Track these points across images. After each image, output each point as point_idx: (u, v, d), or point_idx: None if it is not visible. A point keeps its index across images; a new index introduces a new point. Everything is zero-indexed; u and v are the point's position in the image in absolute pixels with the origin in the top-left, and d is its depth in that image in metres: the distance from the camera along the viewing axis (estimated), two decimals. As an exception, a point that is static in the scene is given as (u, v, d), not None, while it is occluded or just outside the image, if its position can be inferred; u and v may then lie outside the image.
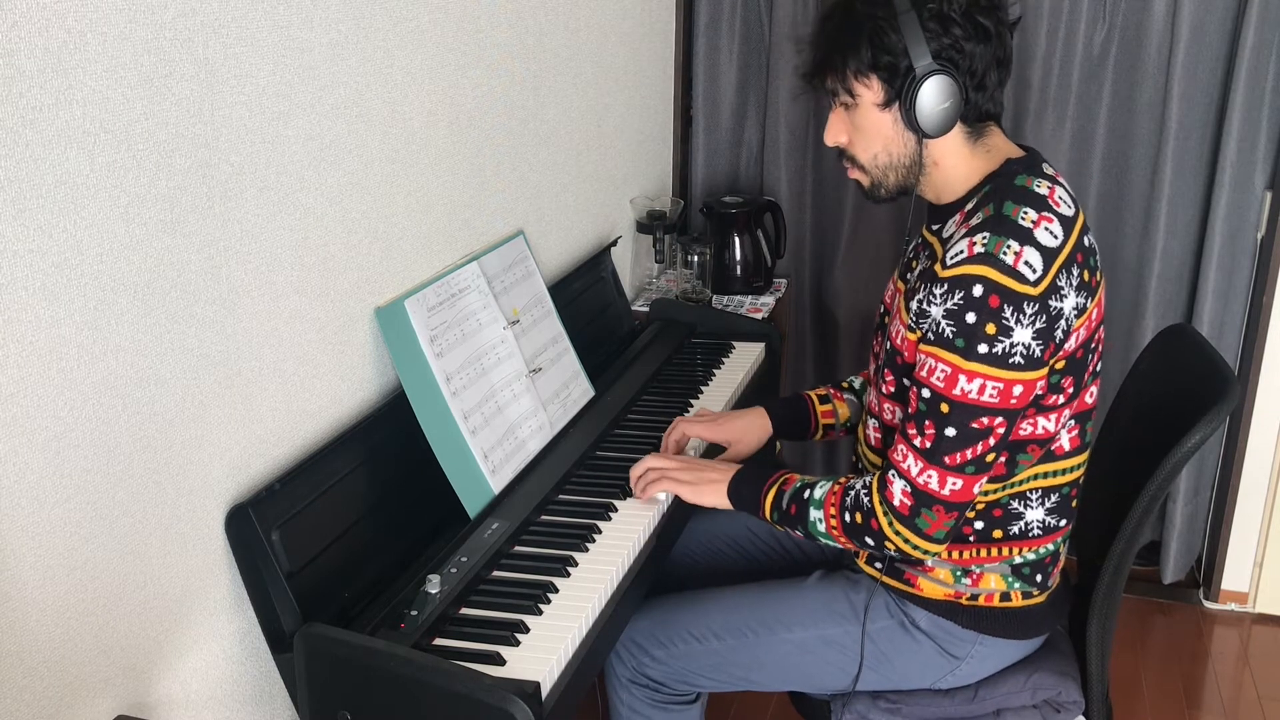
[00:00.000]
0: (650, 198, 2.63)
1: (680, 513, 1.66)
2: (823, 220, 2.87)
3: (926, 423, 1.34)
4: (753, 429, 1.75)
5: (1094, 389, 1.43)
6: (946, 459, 1.33)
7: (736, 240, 2.61)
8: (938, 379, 1.32)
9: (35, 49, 0.99)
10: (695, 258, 2.52)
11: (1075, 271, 1.32)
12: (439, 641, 1.30)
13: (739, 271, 2.63)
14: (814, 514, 1.45)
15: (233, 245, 1.27)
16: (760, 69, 2.80)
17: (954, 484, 1.34)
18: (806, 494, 1.47)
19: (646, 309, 2.39)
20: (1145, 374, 1.66)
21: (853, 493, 1.43)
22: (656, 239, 2.48)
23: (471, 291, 1.70)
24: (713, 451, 1.78)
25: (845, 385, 1.79)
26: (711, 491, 1.55)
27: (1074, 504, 1.48)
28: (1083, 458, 1.46)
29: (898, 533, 1.38)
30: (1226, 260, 2.54)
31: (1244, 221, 2.53)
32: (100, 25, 1.05)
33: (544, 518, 1.59)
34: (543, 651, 1.28)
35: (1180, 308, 2.65)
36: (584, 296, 2.14)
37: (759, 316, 2.48)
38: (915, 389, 1.36)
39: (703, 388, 2.05)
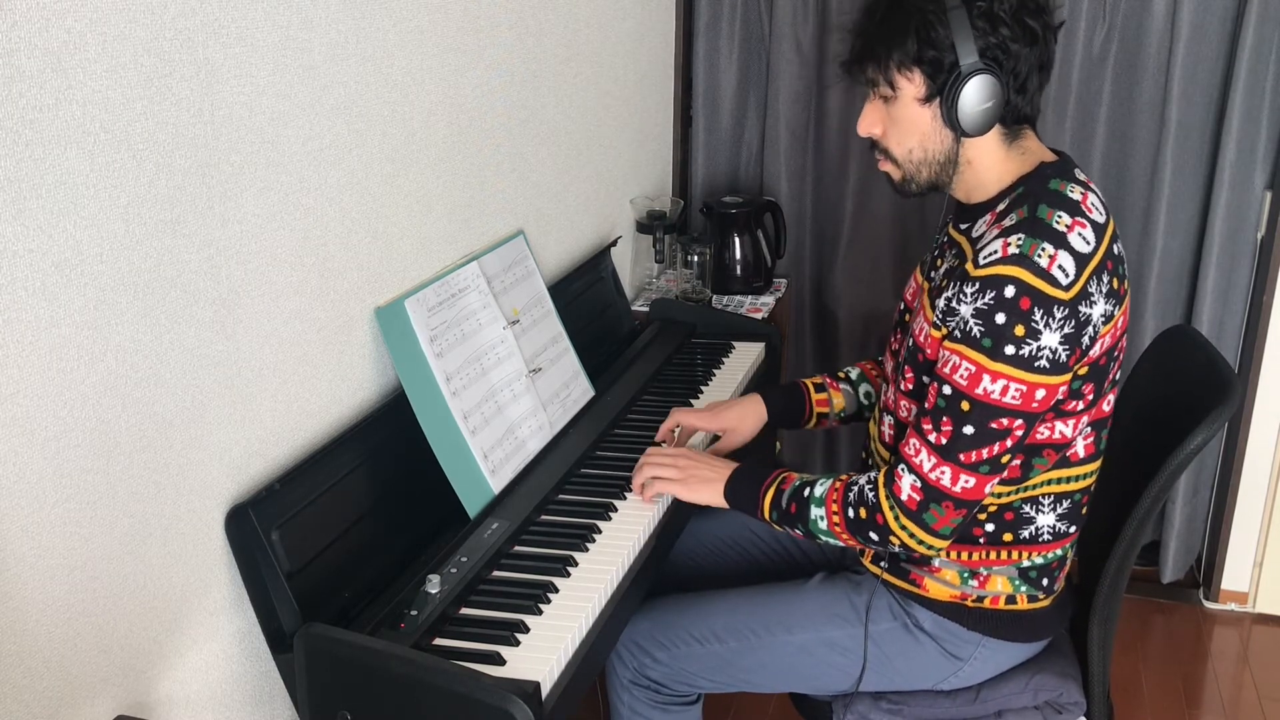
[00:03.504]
0: (650, 198, 2.63)
1: (680, 513, 1.66)
2: (823, 220, 2.87)
3: (944, 419, 1.34)
4: (748, 416, 1.75)
5: (1111, 397, 1.43)
6: (962, 456, 1.33)
7: (736, 240, 2.61)
8: (960, 377, 1.32)
9: (35, 49, 0.99)
10: (695, 258, 2.52)
11: (1105, 279, 1.32)
12: (439, 641, 1.30)
13: (739, 271, 2.63)
14: (815, 511, 1.45)
15: (233, 245, 1.27)
16: (760, 69, 2.80)
17: (966, 482, 1.34)
18: (806, 492, 1.46)
19: (646, 309, 2.39)
20: (1146, 375, 1.66)
21: (856, 488, 1.42)
22: (656, 239, 2.48)
23: (471, 291, 1.70)
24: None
25: (842, 375, 1.79)
26: (706, 490, 1.55)
27: (1084, 511, 1.48)
28: (1096, 465, 1.45)
29: (903, 527, 1.38)
30: (1226, 260, 2.54)
31: (1244, 221, 2.53)
32: (100, 25, 1.05)
33: (544, 518, 1.59)
34: (543, 651, 1.28)
35: (1180, 308, 2.65)
36: (584, 296, 2.14)
37: (759, 316, 2.48)
38: (935, 385, 1.35)
39: (703, 388, 2.05)
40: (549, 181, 2.09)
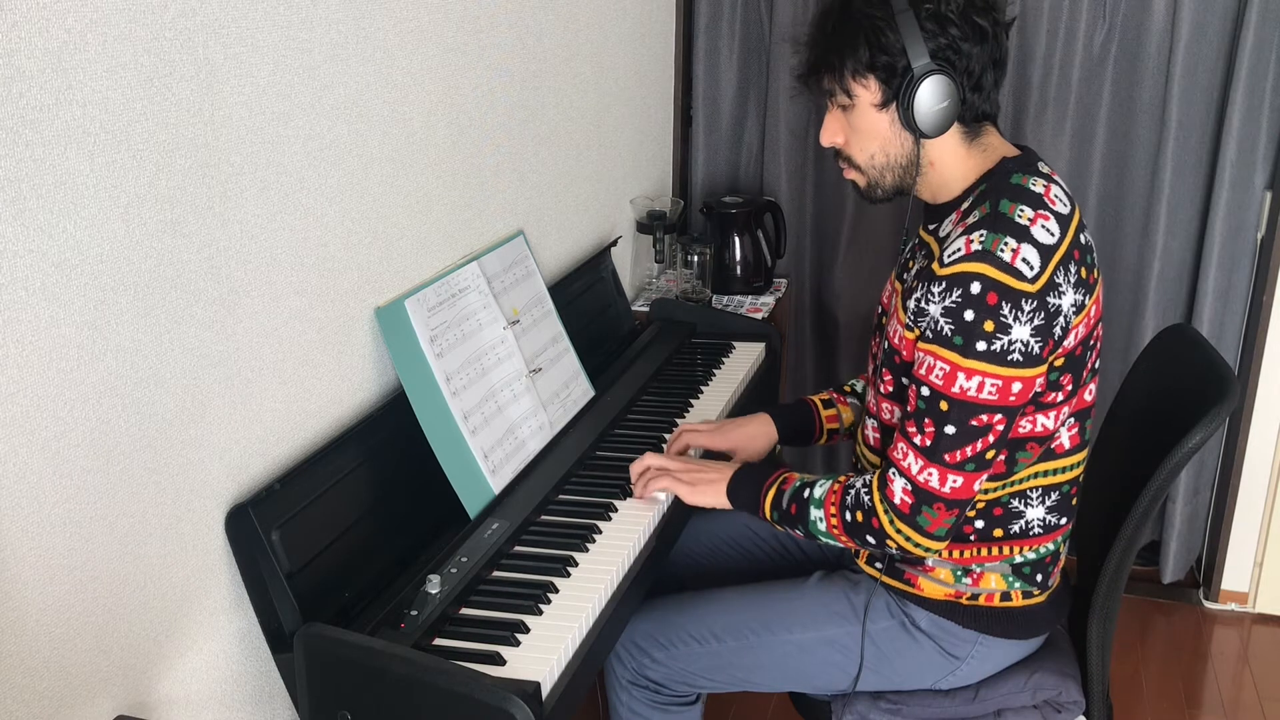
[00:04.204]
0: (650, 198, 2.63)
1: (680, 513, 1.66)
2: (823, 220, 2.87)
3: (926, 420, 1.34)
4: (758, 436, 1.75)
5: (1092, 386, 1.43)
6: (947, 456, 1.33)
7: (736, 240, 2.62)
8: (936, 377, 1.32)
9: (35, 49, 0.99)
10: (695, 258, 2.52)
11: (1073, 268, 1.32)
12: (439, 641, 1.30)
13: (739, 271, 2.63)
14: (814, 513, 1.45)
15: (233, 245, 1.27)
16: (760, 69, 2.80)
17: (954, 481, 1.34)
18: (806, 493, 1.47)
19: (646, 309, 2.39)
20: (1145, 374, 1.66)
21: (853, 491, 1.43)
22: (656, 239, 2.48)
23: (471, 291, 1.70)
24: (717, 459, 1.77)
25: (848, 389, 1.79)
26: (711, 492, 1.55)
27: (1074, 502, 1.49)
28: (1082, 456, 1.46)
29: (899, 530, 1.38)
30: (1226, 260, 2.54)
31: (1244, 221, 2.53)
32: (100, 25, 1.05)
33: (544, 518, 1.59)
34: (543, 651, 1.28)
35: (1180, 308, 2.65)
36: (584, 296, 2.14)
37: (759, 316, 2.48)
38: (914, 387, 1.36)
39: (703, 388, 2.05)
40: (549, 181, 2.09)
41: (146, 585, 1.20)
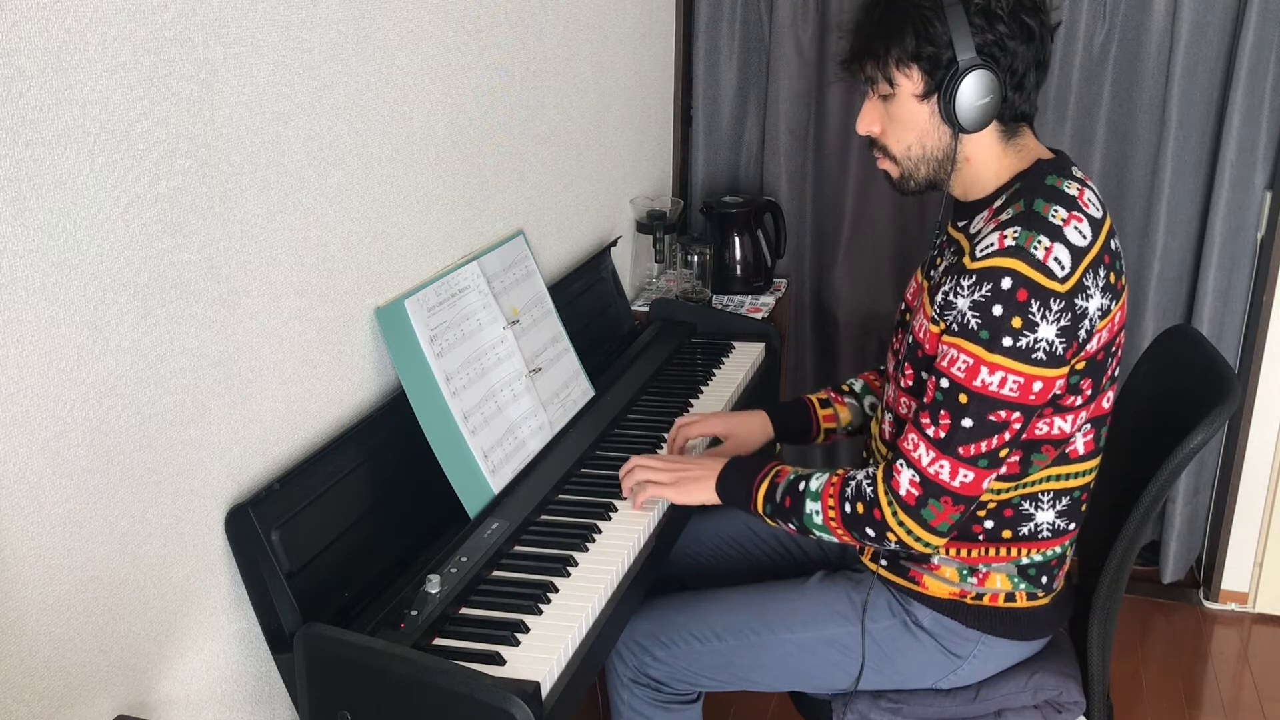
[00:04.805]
0: (650, 198, 2.63)
1: (680, 512, 1.66)
2: (823, 220, 2.87)
3: (942, 413, 1.34)
4: (753, 426, 1.75)
5: (1110, 394, 1.43)
6: (960, 450, 1.33)
7: (736, 240, 2.62)
8: (958, 369, 1.32)
9: (35, 49, 0.99)
10: (695, 258, 2.52)
11: (1102, 273, 1.32)
12: (439, 641, 1.30)
13: (739, 271, 2.63)
14: (810, 506, 1.44)
15: (233, 245, 1.27)
16: (760, 69, 2.80)
17: (965, 476, 1.34)
18: (802, 486, 1.46)
19: (646, 309, 2.39)
20: (1146, 375, 1.66)
21: (854, 483, 1.42)
22: (656, 239, 2.48)
23: (471, 291, 1.70)
24: (712, 445, 1.77)
25: (845, 388, 1.79)
26: (697, 489, 1.54)
27: (1083, 508, 1.48)
28: (1095, 462, 1.45)
29: (901, 523, 1.37)
30: (1226, 260, 2.54)
31: (1244, 221, 2.53)
32: (100, 25, 1.05)
33: (544, 517, 1.59)
34: (543, 651, 1.28)
35: (1180, 308, 2.65)
36: (584, 296, 2.14)
37: (759, 316, 2.48)
38: (934, 379, 1.35)
39: (703, 388, 2.05)
40: (549, 181, 2.09)
41: (146, 585, 1.20)
